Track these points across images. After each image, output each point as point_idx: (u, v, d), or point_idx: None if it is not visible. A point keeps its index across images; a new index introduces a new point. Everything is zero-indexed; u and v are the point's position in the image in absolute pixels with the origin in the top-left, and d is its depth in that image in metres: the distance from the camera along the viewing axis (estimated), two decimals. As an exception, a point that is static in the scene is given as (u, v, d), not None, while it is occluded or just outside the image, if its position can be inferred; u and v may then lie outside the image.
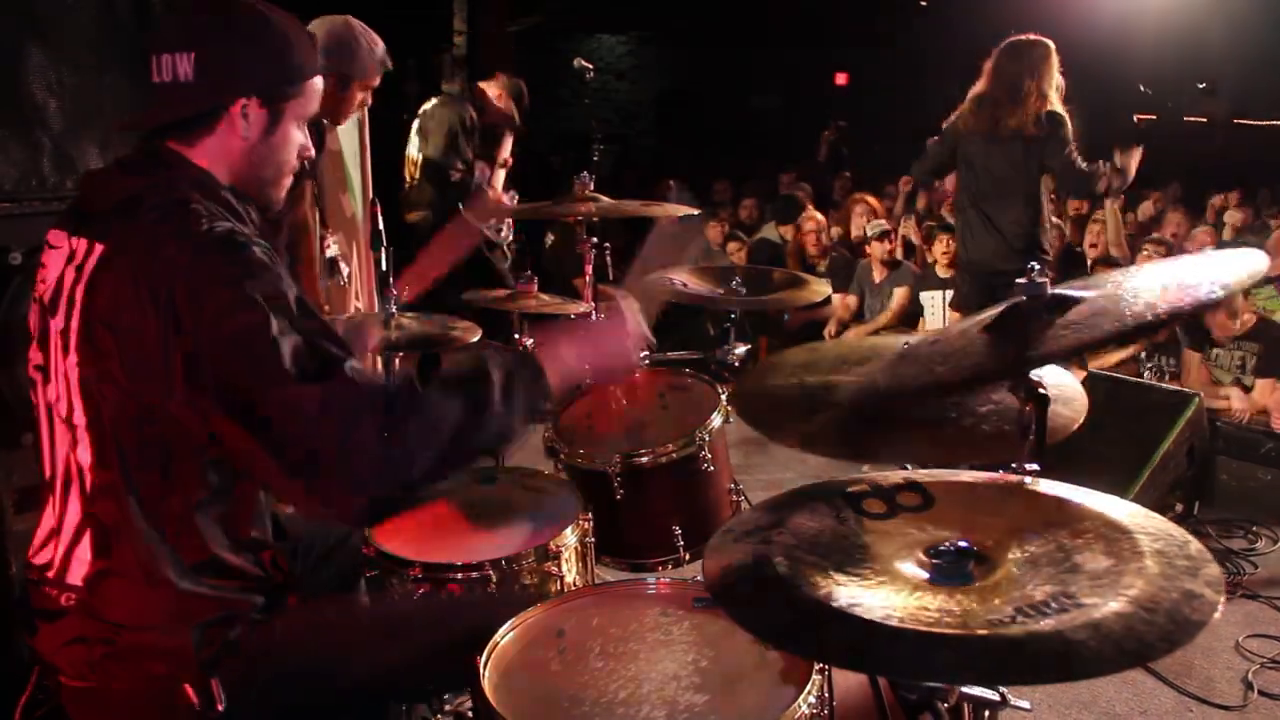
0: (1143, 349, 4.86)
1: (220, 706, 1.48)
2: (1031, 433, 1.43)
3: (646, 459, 2.34)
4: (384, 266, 2.59)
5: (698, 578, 1.57)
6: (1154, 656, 1.00)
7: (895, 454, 1.73)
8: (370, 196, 3.58)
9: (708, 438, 2.39)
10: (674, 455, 2.35)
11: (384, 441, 1.37)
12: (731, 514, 2.50)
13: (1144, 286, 1.37)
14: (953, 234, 4.87)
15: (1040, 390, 1.41)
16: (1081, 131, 4.29)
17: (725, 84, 12.13)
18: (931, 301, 5.88)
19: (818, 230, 6.76)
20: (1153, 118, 10.50)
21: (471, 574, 1.87)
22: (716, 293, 3.09)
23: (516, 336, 3.15)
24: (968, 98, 4.38)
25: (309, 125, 1.65)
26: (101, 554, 1.48)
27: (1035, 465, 1.44)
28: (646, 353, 1.89)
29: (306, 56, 1.58)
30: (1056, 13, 6.58)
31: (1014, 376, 1.42)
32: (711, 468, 2.41)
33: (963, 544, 1.24)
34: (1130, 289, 1.37)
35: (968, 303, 4.50)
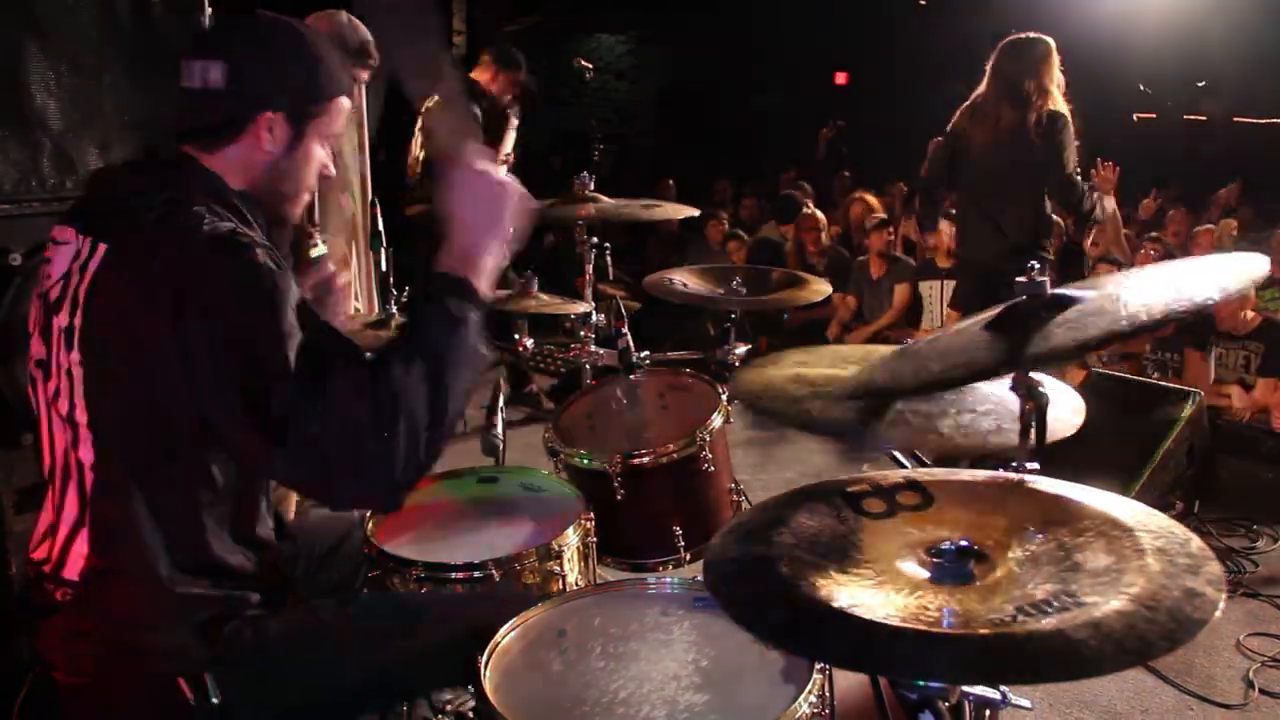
0: (1147, 343, 4.86)
1: (216, 704, 1.47)
2: (1032, 432, 1.43)
3: (647, 459, 2.34)
4: (384, 266, 2.59)
5: (698, 577, 1.57)
6: (1155, 655, 1.00)
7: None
8: (370, 196, 3.58)
9: (708, 438, 2.39)
10: (674, 455, 2.35)
11: (384, 440, 1.37)
12: (731, 514, 2.50)
13: (1142, 288, 1.37)
14: (953, 221, 4.86)
15: (1040, 390, 1.41)
16: (1082, 130, 4.29)
17: (725, 84, 12.12)
18: (930, 291, 5.87)
19: (818, 229, 6.76)
20: (1153, 117, 10.50)
21: (473, 573, 1.87)
22: (716, 293, 3.09)
23: (516, 337, 3.15)
24: (969, 97, 4.38)
25: None
26: (99, 551, 1.48)
27: (1035, 464, 1.44)
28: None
29: (336, 77, 1.61)
30: (1056, 12, 6.59)
31: (1008, 374, 1.42)
32: (712, 468, 2.41)
33: (963, 543, 1.24)
34: (1129, 290, 1.37)
35: (968, 302, 4.49)
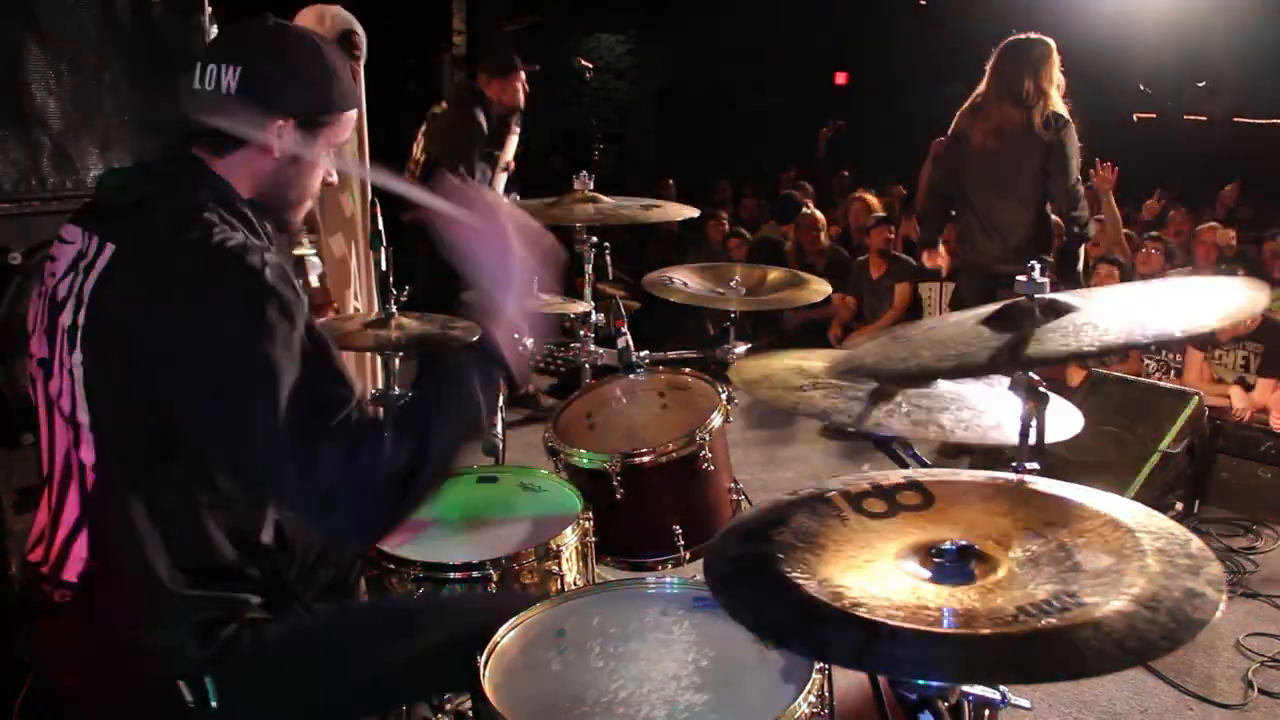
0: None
1: (215, 706, 1.47)
2: (1032, 432, 1.43)
3: (647, 458, 2.34)
4: (384, 266, 2.59)
5: (698, 577, 1.57)
6: (1156, 655, 1.00)
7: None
8: (370, 196, 3.58)
9: (708, 437, 2.39)
10: (674, 455, 2.35)
11: (360, 497, 1.38)
12: (731, 514, 2.50)
13: (1133, 306, 1.38)
14: (953, 223, 4.86)
15: (1040, 389, 1.41)
16: (1083, 132, 4.29)
17: (725, 84, 12.13)
18: (930, 293, 5.87)
19: (817, 229, 6.75)
20: (1153, 117, 10.50)
21: (472, 573, 1.87)
22: (716, 293, 3.10)
23: (516, 337, 3.14)
24: (969, 98, 4.37)
25: None
26: (99, 552, 1.48)
27: (1035, 464, 1.44)
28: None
29: (349, 91, 1.62)
30: (1056, 12, 6.59)
31: (999, 372, 1.43)
32: (711, 467, 2.41)
33: (964, 543, 1.24)
34: (1122, 306, 1.38)
35: (968, 303, 4.49)
